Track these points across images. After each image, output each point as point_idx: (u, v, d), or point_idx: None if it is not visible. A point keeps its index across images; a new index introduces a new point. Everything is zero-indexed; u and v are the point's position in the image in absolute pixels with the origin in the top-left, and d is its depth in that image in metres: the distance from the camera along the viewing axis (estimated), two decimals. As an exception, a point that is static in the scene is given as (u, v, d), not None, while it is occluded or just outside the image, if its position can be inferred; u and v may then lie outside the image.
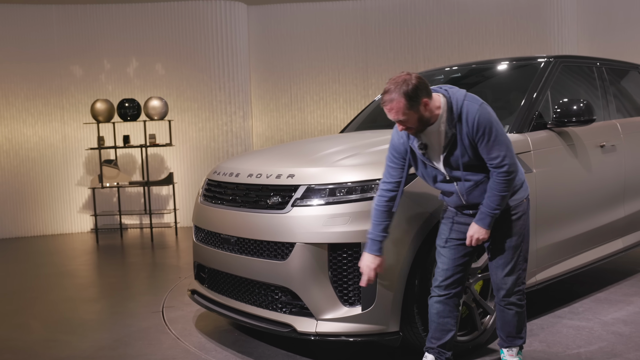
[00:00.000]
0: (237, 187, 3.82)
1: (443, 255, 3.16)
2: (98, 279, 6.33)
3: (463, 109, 2.88)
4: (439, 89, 2.97)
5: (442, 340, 3.17)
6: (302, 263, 3.33)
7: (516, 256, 3.12)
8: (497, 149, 2.87)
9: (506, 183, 2.91)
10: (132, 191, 9.33)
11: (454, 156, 2.94)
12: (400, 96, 2.79)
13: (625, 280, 5.08)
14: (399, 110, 2.81)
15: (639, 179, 4.94)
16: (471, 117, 2.85)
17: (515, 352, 3.25)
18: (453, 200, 3.11)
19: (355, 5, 9.64)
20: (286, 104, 9.82)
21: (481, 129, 2.84)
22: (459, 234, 3.14)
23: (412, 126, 2.87)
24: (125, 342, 4.10)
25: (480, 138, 2.86)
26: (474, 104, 2.89)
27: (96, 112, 8.30)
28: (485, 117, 2.86)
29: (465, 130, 2.87)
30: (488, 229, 3.00)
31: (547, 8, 9.38)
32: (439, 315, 3.16)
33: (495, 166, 2.89)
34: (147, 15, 9.21)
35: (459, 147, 2.91)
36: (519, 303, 3.18)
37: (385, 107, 2.85)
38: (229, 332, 4.19)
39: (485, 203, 2.97)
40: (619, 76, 5.29)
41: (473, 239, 3.01)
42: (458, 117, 2.88)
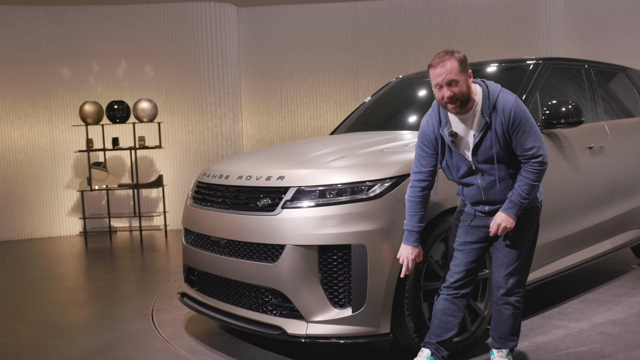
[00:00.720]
0: (226, 189, 3.81)
1: (457, 257, 3.19)
2: (87, 282, 6.28)
3: (499, 99, 2.94)
4: (475, 80, 3.05)
5: (442, 338, 3.19)
6: (292, 265, 3.32)
7: (522, 257, 3.15)
8: (532, 139, 2.93)
9: (539, 173, 2.95)
10: (121, 194, 9.28)
11: (484, 146, 2.97)
12: (453, 59, 2.90)
13: (614, 281, 5.11)
14: (452, 70, 2.88)
15: (626, 180, 4.97)
16: (508, 108, 2.91)
17: (505, 353, 3.26)
18: (472, 195, 3.12)
19: (345, 8, 9.65)
20: (276, 106, 9.81)
21: (517, 119, 2.90)
22: (475, 237, 3.16)
23: (460, 93, 2.90)
24: (115, 346, 4.07)
25: (516, 129, 2.91)
26: (510, 96, 2.97)
27: (85, 114, 8.25)
28: (522, 108, 2.93)
29: (500, 120, 2.92)
30: (515, 218, 2.99)
31: (536, 11, 9.43)
32: (444, 312, 3.19)
33: (531, 157, 2.94)
34: (136, 16, 9.18)
35: (490, 136, 2.95)
36: (516, 304, 3.20)
37: (438, 68, 2.90)
38: (219, 335, 4.18)
39: (515, 192, 2.97)
40: (607, 78, 5.32)
41: (500, 227, 2.99)
42: (493, 106, 2.93)
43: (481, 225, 3.15)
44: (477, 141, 2.98)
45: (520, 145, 2.94)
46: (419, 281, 3.36)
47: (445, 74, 2.89)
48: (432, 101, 3.15)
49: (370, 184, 3.32)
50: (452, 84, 2.90)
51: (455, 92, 2.90)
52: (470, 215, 3.19)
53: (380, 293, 3.25)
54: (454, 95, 2.90)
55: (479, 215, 3.16)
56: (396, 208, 3.29)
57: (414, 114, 4.88)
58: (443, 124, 3.06)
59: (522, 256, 3.15)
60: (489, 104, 2.94)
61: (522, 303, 3.23)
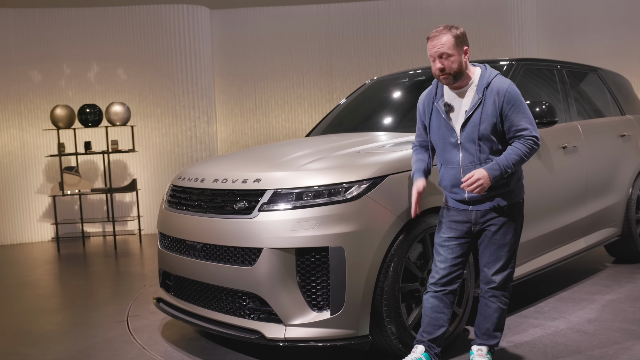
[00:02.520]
0: (202, 192, 3.76)
1: (441, 253, 3.22)
2: (60, 289, 6.17)
3: (495, 80, 3.07)
4: (478, 64, 3.21)
5: (433, 335, 3.22)
6: (270, 268, 3.29)
7: (508, 254, 3.19)
8: (526, 121, 3.04)
9: (530, 149, 3.03)
10: (94, 198, 9.15)
11: (472, 121, 3.06)
12: (449, 33, 3.04)
13: (588, 279, 5.17)
14: (445, 44, 3.02)
15: (599, 179, 5.04)
16: (503, 89, 3.02)
17: (485, 351, 3.27)
18: (452, 176, 3.16)
19: (319, 10, 9.65)
20: (251, 108, 9.77)
21: (512, 100, 3.02)
22: (458, 232, 3.19)
23: (451, 68, 3.03)
24: (89, 354, 4.00)
25: (510, 109, 3.01)
26: (504, 80, 3.09)
27: (56, 118, 8.12)
28: (516, 91, 3.06)
29: (493, 99, 3.03)
30: (492, 181, 3.01)
31: (508, 13, 9.53)
32: (433, 310, 3.21)
33: (525, 136, 3.03)
34: (108, 19, 9.06)
35: (480, 113, 3.05)
36: (503, 299, 3.23)
37: (434, 41, 3.05)
38: (196, 340, 4.13)
39: (502, 157, 3.02)
40: (579, 79, 5.39)
41: (473, 179, 2.99)
42: (487, 84, 3.05)
43: (464, 221, 3.18)
44: (468, 116, 3.06)
45: (514, 125, 3.03)
46: (397, 282, 3.35)
47: (438, 47, 3.04)
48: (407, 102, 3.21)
49: (348, 186, 3.30)
50: (443, 56, 3.03)
51: (445, 65, 3.04)
52: (453, 210, 3.21)
53: (359, 295, 3.24)
54: (444, 67, 3.04)
55: (461, 210, 3.18)
56: (374, 210, 3.29)
57: (389, 116, 4.88)
58: (438, 97, 3.21)
59: (509, 251, 3.18)
60: (485, 83, 3.06)
61: (508, 299, 3.26)
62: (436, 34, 3.07)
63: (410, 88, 5.01)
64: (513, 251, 3.21)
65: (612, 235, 5.29)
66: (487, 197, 3.12)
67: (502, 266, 3.19)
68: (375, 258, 3.27)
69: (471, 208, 3.16)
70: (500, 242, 3.16)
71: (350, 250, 3.21)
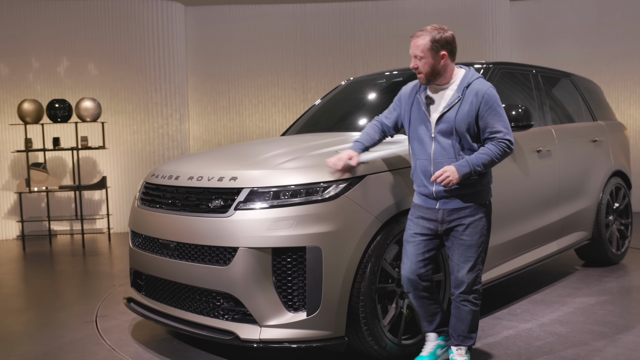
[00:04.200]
0: (176, 190, 3.69)
1: (408, 250, 3.24)
2: (25, 288, 6.01)
3: (475, 82, 3.13)
4: (464, 66, 3.28)
5: (435, 322, 3.34)
6: (245, 268, 3.23)
7: (476, 255, 3.20)
8: (501, 124, 3.09)
9: (503, 152, 3.08)
10: (62, 196, 8.95)
11: (448, 117, 3.11)
12: (428, 36, 3.10)
13: (559, 282, 5.23)
14: (419, 46, 3.10)
15: (572, 183, 5.10)
16: (481, 91, 3.08)
17: (464, 350, 3.28)
18: (422, 167, 3.20)
19: (295, 10, 9.60)
20: (224, 107, 9.67)
21: (489, 103, 3.07)
22: (424, 229, 3.21)
23: (423, 69, 3.12)
24: (56, 355, 3.89)
25: (486, 111, 3.06)
26: (485, 83, 3.15)
27: (23, 112, 7.92)
28: (494, 94, 3.11)
29: (471, 100, 3.08)
30: (461, 177, 3.04)
31: (482, 18, 9.61)
32: (420, 305, 3.31)
33: (498, 138, 3.07)
34: (80, 13, 8.87)
35: (456, 110, 3.09)
36: (474, 301, 3.25)
37: (412, 40, 3.15)
38: (167, 341, 4.05)
39: (473, 157, 3.06)
40: (553, 83, 5.45)
41: (444, 175, 3.03)
42: (468, 85, 3.11)
43: (431, 218, 3.20)
44: (444, 111, 3.11)
45: (489, 126, 3.07)
46: (374, 283, 3.33)
47: (413, 48, 3.14)
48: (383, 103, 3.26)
49: (325, 185, 3.27)
50: (417, 57, 3.12)
51: (418, 65, 3.13)
52: (420, 208, 3.23)
53: (335, 296, 3.21)
54: (417, 68, 3.13)
55: (428, 208, 3.19)
56: (352, 209, 3.26)
57: (365, 116, 4.86)
58: (422, 90, 3.26)
59: (477, 253, 3.20)
60: (465, 83, 3.12)
61: (479, 300, 3.29)
62: (417, 35, 3.14)
63: (386, 89, 5.00)
64: (480, 252, 3.22)
65: (583, 239, 5.35)
66: (454, 196, 3.15)
67: (471, 267, 3.20)
68: (352, 258, 3.24)
69: (438, 206, 3.17)
70: (468, 242, 3.18)
71: (328, 251, 3.18)
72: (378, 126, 3.51)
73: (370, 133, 3.50)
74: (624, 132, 6.24)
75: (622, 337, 3.83)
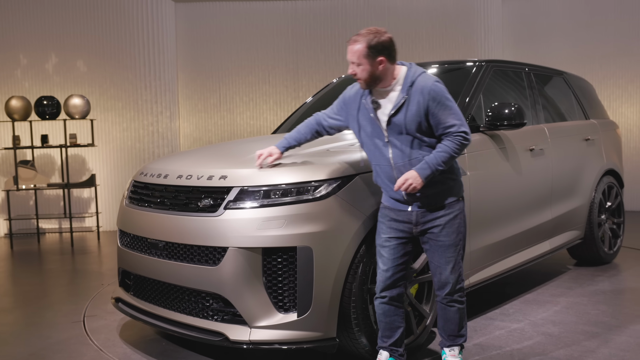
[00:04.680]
0: (165, 189, 3.63)
1: (383, 255, 3.15)
2: (12, 287, 5.93)
3: (419, 79, 3.02)
4: (404, 62, 3.13)
5: (393, 338, 3.19)
6: (235, 268, 3.18)
7: (456, 254, 3.14)
8: (454, 117, 2.99)
9: (460, 145, 2.99)
10: (50, 194, 8.86)
11: (397, 119, 3.01)
12: (364, 42, 2.98)
13: (552, 281, 5.20)
14: (355, 53, 2.99)
15: (564, 182, 5.07)
16: (427, 88, 2.97)
17: (457, 351, 3.24)
18: (385, 173, 3.12)
19: (286, 6, 9.54)
20: (215, 104, 9.60)
21: (437, 98, 2.96)
22: (398, 232, 3.13)
23: (361, 76, 3.02)
24: (42, 356, 3.83)
25: (435, 107, 2.96)
26: (429, 78, 3.03)
27: (11, 109, 7.82)
28: (440, 89, 3.00)
29: (417, 99, 2.97)
30: (424, 180, 2.97)
31: (474, 15, 9.59)
32: (385, 315, 3.18)
33: (453, 132, 2.98)
34: (68, 8, 8.77)
35: (404, 111, 3.00)
36: (460, 300, 3.20)
37: (348, 46, 3.03)
38: (156, 342, 3.99)
39: (432, 156, 2.99)
40: (546, 82, 5.43)
41: (406, 183, 2.97)
42: (411, 83, 3.00)
43: (404, 221, 3.12)
44: (391, 114, 3.02)
45: (441, 123, 2.98)
46: (366, 284, 3.28)
47: (349, 54, 3.02)
48: None
49: (317, 184, 3.22)
50: (354, 64, 3.02)
51: (355, 71, 3.03)
52: (391, 210, 3.15)
53: (327, 297, 3.16)
54: (355, 74, 3.04)
55: (400, 210, 3.12)
56: (343, 209, 3.21)
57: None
58: (366, 94, 3.14)
59: (455, 252, 3.13)
60: (409, 82, 3.02)
61: (464, 297, 3.23)
62: (352, 41, 3.02)
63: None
64: (459, 250, 3.16)
65: (576, 238, 5.33)
66: (425, 197, 3.07)
67: (452, 267, 3.14)
68: (343, 259, 3.19)
69: (410, 209, 3.10)
70: (447, 242, 3.11)
71: (319, 251, 3.13)
72: (313, 126, 3.46)
73: (302, 131, 3.47)
74: (616, 131, 6.23)
75: (615, 338, 3.81)
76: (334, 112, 3.41)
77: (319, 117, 3.47)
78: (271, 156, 3.37)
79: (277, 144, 3.43)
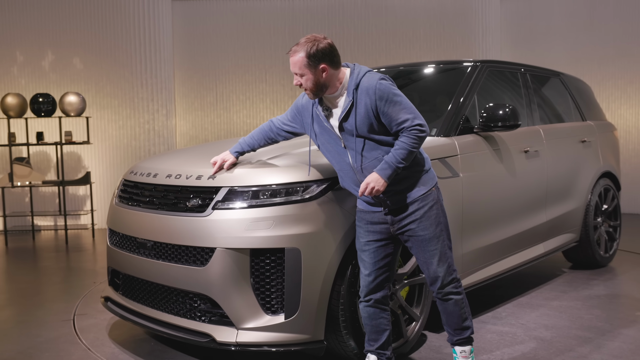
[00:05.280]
0: (154, 188, 3.60)
1: (364, 259, 3.11)
2: (5, 284, 5.90)
3: (362, 80, 2.94)
4: (348, 64, 3.05)
5: (380, 342, 3.14)
6: (223, 269, 3.15)
7: (440, 245, 3.06)
8: (405, 112, 2.91)
9: (417, 139, 2.91)
10: (45, 191, 8.82)
11: (349, 123, 2.96)
12: (303, 52, 2.91)
13: (546, 285, 5.17)
14: (297, 64, 2.92)
15: (560, 184, 5.03)
16: (372, 87, 2.90)
17: (468, 352, 3.16)
18: (349, 179, 3.07)
19: (283, 5, 9.50)
20: (211, 102, 9.56)
21: (384, 97, 2.89)
22: (376, 234, 3.08)
23: (307, 86, 2.96)
24: (30, 355, 3.79)
25: (384, 105, 2.89)
26: (373, 77, 2.94)
27: (6, 106, 7.80)
28: (386, 87, 2.91)
29: (364, 100, 2.91)
30: (387, 180, 2.91)
31: (472, 16, 9.55)
32: (371, 318, 3.13)
33: (408, 127, 2.91)
34: (65, 5, 8.74)
35: (354, 114, 2.94)
36: (455, 291, 3.11)
37: (290, 58, 2.96)
38: (145, 342, 3.96)
39: (391, 155, 2.92)
40: (542, 83, 5.38)
41: (368, 187, 2.91)
42: (356, 86, 2.94)
43: (380, 222, 3.07)
44: (341, 117, 2.97)
45: (393, 120, 2.91)
46: (355, 286, 3.25)
47: (292, 66, 2.96)
48: None
49: (306, 185, 3.19)
50: (297, 75, 2.96)
51: (300, 82, 2.97)
52: (367, 213, 3.10)
53: (314, 299, 3.13)
54: (300, 84, 2.97)
55: (375, 212, 3.07)
56: (332, 210, 3.18)
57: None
58: (316, 102, 3.09)
59: (439, 244, 3.05)
60: (354, 85, 2.95)
61: (460, 287, 3.14)
62: (293, 51, 2.95)
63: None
64: (444, 240, 3.08)
65: (571, 241, 5.29)
66: (396, 193, 3.01)
67: (439, 259, 3.06)
68: (332, 261, 3.16)
69: (385, 210, 3.05)
70: (426, 236, 3.03)
71: (307, 252, 3.10)
72: (267, 132, 3.42)
73: (255, 137, 3.44)
74: (613, 133, 6.19)
75: (608, 343, 3.77)
76: (288, 119, 3.35)
77: (273, 124, 3.41)
78: (225, 162, 3.35)
79: (231, 149, 3.40)
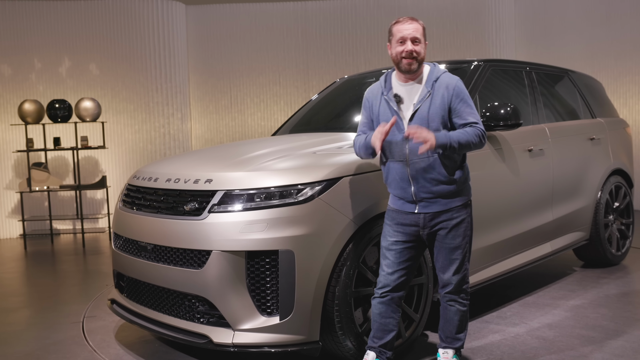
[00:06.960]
0: (155, 192, 3.66)
1: (388, 257, 3.14)
2: (23, 287, 6.03)
3: (442, 76, 3.09)
4: (428, 62, 3.22)
5: (384, 340, 3.16)
6: (219, 271, 3.19)
7: (461, 257, 3.12)
8: (473, 116, 3.05)
9: (478, 137, 3.02)
10: (64, 195, 8.99)
11: (421, 112, 3.02)
12: (418, 23, 3.10)
13: (555, 284, 5.12)
14: (419, 30, 3.07)
15: (567, 183, 4.98)
16: (452, 84, 3.05)
17: (451, 354, 3.21)
18: (398, 170, 3.07)
19: (296, 7, 9.54)
20: (226, 105, 9.65)
21: (460, 95, 3.04)
22: (405, 235, 3.11)
23: (420, 51, 3.05)
24: (37, 356, 3.88)
25: (458, 103, 3.03)
26: (453, 76, 3.12)
27: (24, 113, 7.96)
28: (464, 88, 3.09)
29: (442, 93, 3.03)
30: (437, 145, 2.91)
31: (486, 13, 9.48)
32: (381, 315, 3.14)
33: (472, 126, 3.03)
34: (81, 12, 8.90)
35: (428, 106, 3.02)
36: (462, 302, 3.17)
37: (404, 24, 3.07)
38: (150, 343, 4.02)
39: (452, 132, 2.99)
40: (549, 81, 5.33)
41: (418, 132, 2.89)
42: (436, 79, 3.07)
43: (411, 224, 3.10)
44: (416, 108, 3.03)
45: (462, 118, 3.03)
46: (350, 287, 3.26)
47: (412, 30, 3.05)
48: None
49: (300, 188, 3.21)
50: (416, 41, 3.04)
51: (416, 49, 3.03)
52: (399, 213, 3.12)
53: (309, 300, 3.15)
54: (415, 51, 3.03)
55: (407, 213, 3.10)
56: (326, 212, 3.20)
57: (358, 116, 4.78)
58: (387, 89, 3.14)
59: (462, 254, 3.12)
60: (434, 78, 3.07)
61: (467, 300, 3.20)
62: (407, 19, 3.08)
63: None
64: (465, 253, 3.14)
65: (580, 239, 5.23)
66: (435, 197, 3.05)
67: (456, 269, 3.13)
68: (326, 262, 3.18)
69: (417, 210, 3.07)
70: (453, 245, 3.10)
71: (301, 254, 3.12)
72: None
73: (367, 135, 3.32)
74: (625, 130, 6.10)
75: (611, 342, 3.73)
76: (364, 123, 3.29)
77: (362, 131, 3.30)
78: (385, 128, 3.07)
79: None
